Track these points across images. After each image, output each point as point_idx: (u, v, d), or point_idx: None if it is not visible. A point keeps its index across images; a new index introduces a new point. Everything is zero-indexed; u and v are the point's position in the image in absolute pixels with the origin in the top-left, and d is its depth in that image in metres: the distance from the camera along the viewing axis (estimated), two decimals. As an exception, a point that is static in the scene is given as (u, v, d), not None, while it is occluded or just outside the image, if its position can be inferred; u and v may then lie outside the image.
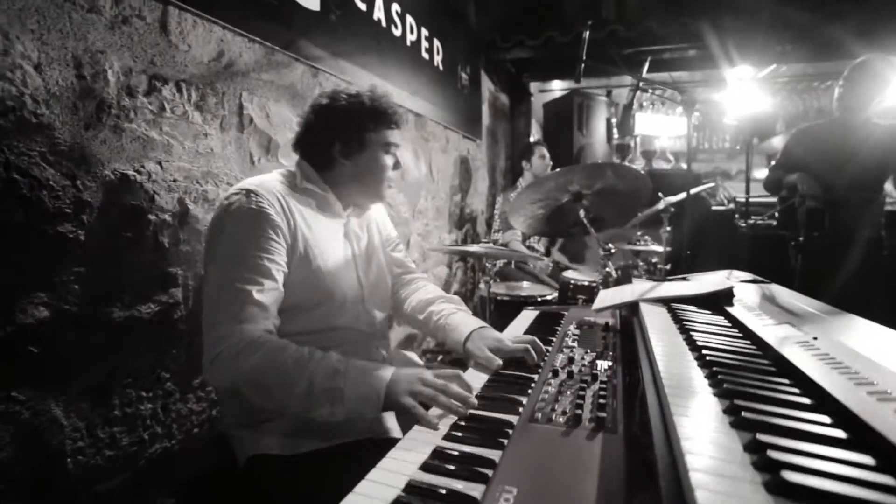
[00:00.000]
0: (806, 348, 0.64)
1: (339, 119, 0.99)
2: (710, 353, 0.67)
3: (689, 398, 0.53)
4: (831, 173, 2.13)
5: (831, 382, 0.51)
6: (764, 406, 0.49)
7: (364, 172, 1.03)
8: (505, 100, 3.74)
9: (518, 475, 0.53)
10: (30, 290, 0.81)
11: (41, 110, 0.82)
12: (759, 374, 0.59)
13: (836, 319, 0.81)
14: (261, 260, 0.83)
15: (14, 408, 0.79)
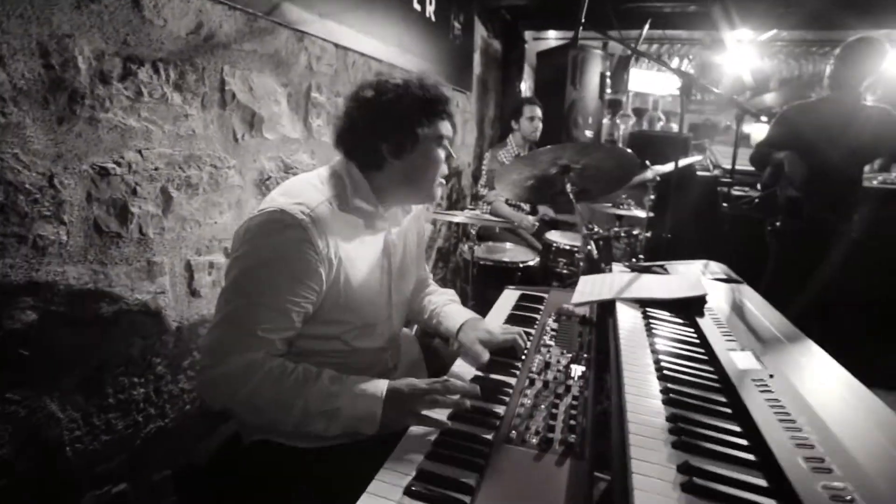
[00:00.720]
0: (761, 389, 0.70)
1: (387, 114, 0.88)
2: (674, 388, 0.73)
3: (649, 448, 0.60)
4: (818, 152, 2.15)
5: (776, 443, 0.58)
6: (713, 467, 0.56)
7: (417, 172, 0.93)
8: (498, 46, 3.54)
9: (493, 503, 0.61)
10: (15, 295, 0.81)
11: (9, 108, 0.76)
12: (716, 418, 0.67)
13: (796, 348, 0.87)
14: (286, 304, 0.79)
15: (10, 408, 0.82)
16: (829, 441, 0.57)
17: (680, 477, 0.55)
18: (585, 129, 3.45)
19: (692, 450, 0.60)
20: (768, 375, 0.75)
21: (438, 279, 2.89)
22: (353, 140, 0.93)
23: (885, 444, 0.57)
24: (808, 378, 0.75)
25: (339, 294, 0.87)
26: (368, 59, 1.81)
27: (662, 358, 0.84)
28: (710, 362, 0.85)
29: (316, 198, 0.85)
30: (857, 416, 0.63)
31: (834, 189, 2.18)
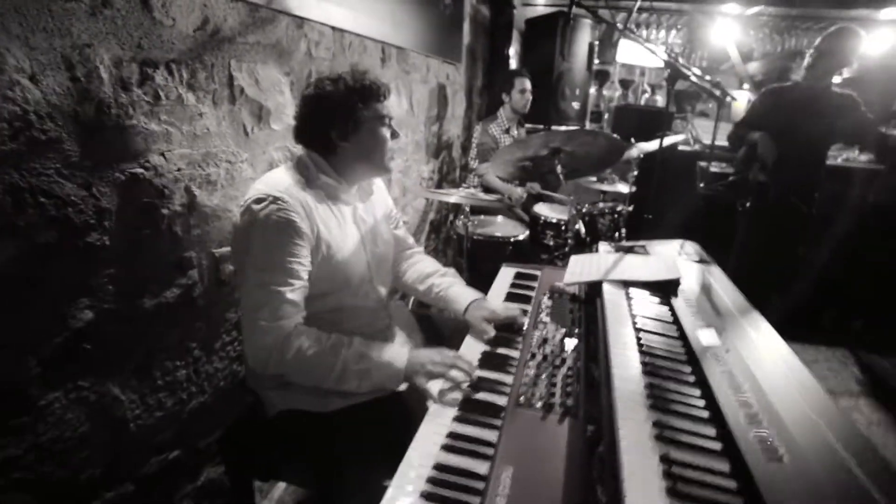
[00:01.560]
0: (719, 363, 0.86)
1: (328, 105, 1.04)
2: (651, 361, 0.89)
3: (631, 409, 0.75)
4: (788, 134, 2.28)
5: (725, 404, 0.74)
6: (679, 422, 0.72)
7: (365, 149, 1.08)
8: (486, 12, 3.48)
9: (511, 456, 0.75)
10: (74, 297, 0.89)
11: (47, 125, 0.81)
12: (683, 385, 0.82)
13: (749, 325, 1.03)
14: (291, 263, 0.95)
15: (83, 394, 0.92)
16: (763, 401, 0.75)
17: (654, 430, 0.71)
18: (573, 100, 3.49)
19: (663, 410, 0.75)
20: (725, 351, 0.91)
21: (430, 250, 3.00)
22: (307, 133, 1.09)
23: (801, 403, 0.76)
24: (755, 351, 0.92)
25: (321, 253, 1.03)
26: (363, 39, 1.81)
27: (642, 335, 1.00)
28: (680, 338, 1.01)
29: (287, 180, 1.02)
30: (787, 381, 0.81)
31: (800, 170, 2.33)
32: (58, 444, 0.88)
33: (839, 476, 0.60)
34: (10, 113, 0.76)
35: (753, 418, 0.71)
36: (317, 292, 1.04)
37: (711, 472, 0.64)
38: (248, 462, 1.11)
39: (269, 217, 0.94)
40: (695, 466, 0.64)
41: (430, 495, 0.68)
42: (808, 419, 0.71)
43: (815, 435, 0.68)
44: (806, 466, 0.62)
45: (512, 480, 0.70)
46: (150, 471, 1.10)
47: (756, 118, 2.44)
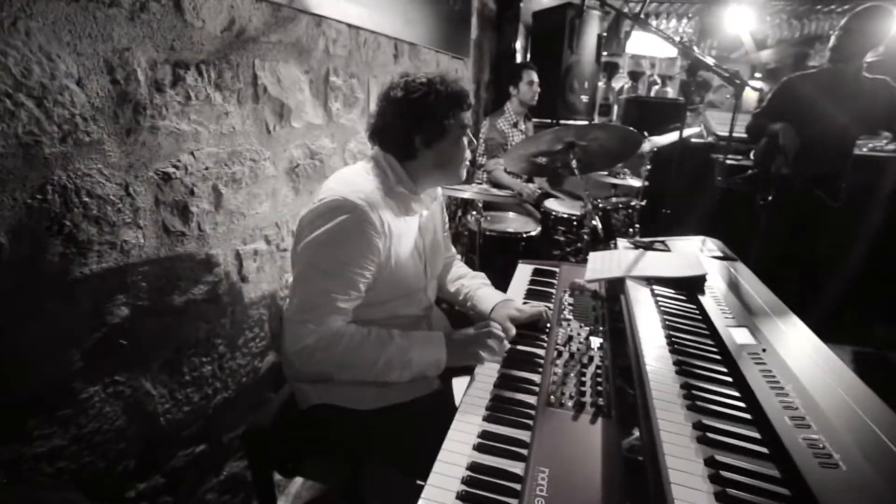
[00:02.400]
0: (756, 361, 0.85)
1: (417, 110, 1.01)
2: (684, 360, 0.89)
3: (669, 410, 0.75)
4: (814, 123, 2.18)
5: (768, 405, 0.73)
6: (720, 424, 0.72)
7: (447, 158, 1.07)
8: (493, 6, 3.46)
9: (546, 456, 0.76)
10: (112, 294, 0.90)
11: (90, 127, 0.82)
12: (720, 385, 0.82)
13: (783, 323, 1.01)
14: (355, 276, 0.95)
15: (119, 388, 0.94)
16: (808, 403, 0.73)
17: (695, 433, 0.71)
18: (581, 93, 3.47)
19: (703, 411, 0.76)
20: (762, 350, 0.90)
21: (442, 246, 3.00)
22: (387, 134, 1.06)
23: (848, 402, 0.74)
24: (793, 350, 0.90)
25: (388, 266, 1.03)
26: (378, 36, 1.81)
27: (672, 333, 1.00)
28: (711, 336, 1.01)
29: (367, 186, 1.00)
30: (828, 380, 0.80)
31: (825, 161, 2.25)
32: (97, 436, 0.90)
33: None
34: (60, 116, 0.78)
35: (800, 421, 0.70)
36: (376, 301, 1.04)
37: (761, 476, 0.63)
38: (271, 456, 1.12)
39: (349, 227, 0.93)
40: (743, 471, 0.64)
41: (466, 495, 0.68)
42: (860, 423, 0.69)
43: (871, 440, 0.65)
44: (865, 474, 0.59)
45: (549, 481, 0.70)
46: (177, 464, 1.12)
47: (778, 107, 2.34)
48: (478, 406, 0.89)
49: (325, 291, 0.93)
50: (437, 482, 0.71)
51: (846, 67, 2.16)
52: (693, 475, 0.63)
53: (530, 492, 0.68)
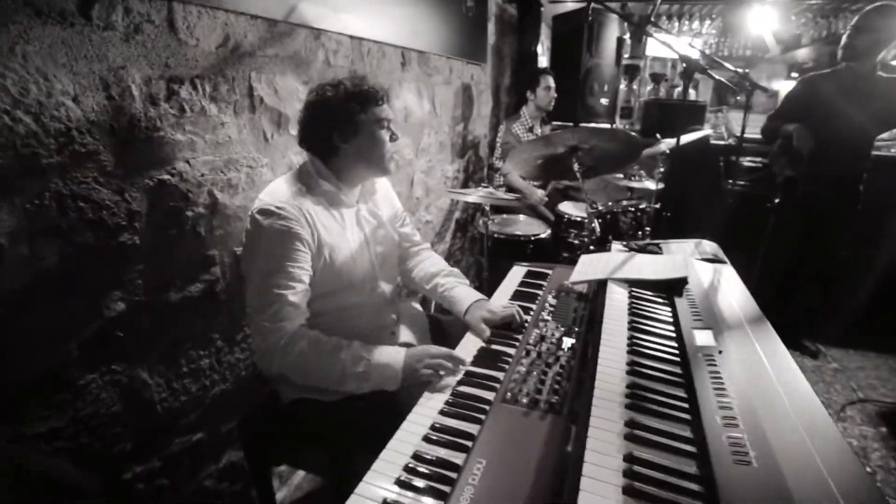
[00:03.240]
0: (708, 363, 0.84)
1: (328, 110, 1.10)
2: (639, 361, 0.89)
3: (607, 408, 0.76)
4: (829, 124, 2.14)
5: (705, 404, 0.73)
6: (653, 422, 0.72)
7: (365, 151, 1.14)
8: (513, 11, 3.47)
9: (488, 449, 0.78)
10: (108, 290, 1.01)
11: (86, 139, 0.92)
12: (668, 385, 0.82)
13: (752, 328, 0.99)
14: (292, 268, 1.02)
15: (116, 377, 1.04)
16: (745, 404, 0.73)
17: (625, 429, 0.72)
18: (601, 97, 3.42)
19: (640, 410, 0.76)
20: (718, 352, 0.89)
21: (457, 248, 3.04)
22: (309, 136, 1.15)
23: (786, 405, 0.73)
24: (749, 354, 0.89)
25: (323, 257, 1.10)
26: (382, 46, 1.88)
27: (634, 335, 1.00)
28: (676, 339, 0.99)
29: (287, 189, 1.09)
30: (776, 385, 0.78)
31: (842, 163, 2.19)
32: (94, 420, 1.00)
33: (808, 483, 0.58)
34: (56, 130, 0.88)
35: (730, 421, 0.70)
36: (321, 292, 1.11)
37: (675, 472, 0.64)
38: (264, 447, 1.20)
39: (272, 226, 1.01)
40: (659, 466, 0.65)
41: (403, 481, 0.72)
42: (790, 424, 0.69)
43: (793, 441, 0.66)
44: (773, 471, 0.60)
45: (483, 471, 0.72)
46: (174, 450, 1.21)
47: (791, 109, 2.30)
48: (437, 400, 0.93)
49: (271, 289, 1.00)
50: (380, 468, 0.75)
51: (859, 66, 2.11)
52: (607, 469, 0.64)
53: (463, 480, 0.71)
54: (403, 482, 0.72)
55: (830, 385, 2.33)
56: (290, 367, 1.01)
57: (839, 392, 2.27)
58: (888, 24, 1.99)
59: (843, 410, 2.13)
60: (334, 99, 1.09)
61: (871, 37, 2.03)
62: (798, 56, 4.15)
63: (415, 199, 2.43)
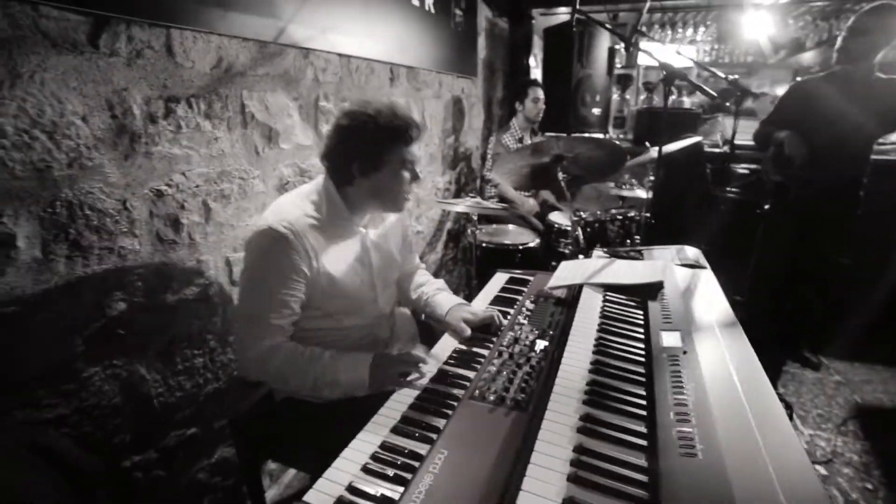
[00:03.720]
0: (671, 362, 0.89)
1: (355, 139, 1.07)
2: (603, 360, 0.95)
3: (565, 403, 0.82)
4: (824, 128, 2.11)
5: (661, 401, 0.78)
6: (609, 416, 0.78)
7: (381, 189, 1.12)
8: (504, 24, 3.57)
9: (451, 441, 0.83)
10: (111, 291, 1.09)
11: (93, 154, 1.01)
12: (628, 384, 0.88)
13: (721, 330, 1.03)
14: (283, 296, 1.04)
15: (116, 371, 1.12)
16: (700, 401, 0.77)
17: (579, 423, 0.77)
18: (593, 106, 3.49)
19: (598, 406, 0.82)
20: (683, 352, 0.94)
21: (449, 259, 3.11)
22: (331, 158, 1.14)
23: (742, 402, 0.77)
24: (713, 354, 0.93)
25: (323, 284, 1.10)
26: (371, 62, 1.97)
27: (602, 336, 1.05)
28: (644, 340, 1.05)
29: (295, 213, 1.08)
30: (735, 385, 0.82)
31: (840, 168, 2.16)
32: (96, 410, 1.08)
33: (750, 475, 0.62)
34: (67, 146, 0.97)
35: (683, 417, 0.74)
36: (318, 313, 1.13)
37: (623, 463, 0.69)
38: (255, 443, 1.26)
39: (271, 252, 1.03)
40: (607, 457, 0.70)
41: (369, 469, 0.78)
42: (742, 422, 0.72)
43: (742, 436, 0.69)
44: (716, 463, 0.64)
45: (444, 461, 0.78)
46: (170, 443, 1.28)
47: (784, 114, 2.28)
48: (409, 395, 0.98)
49: (258, 312, 1.03)
50: (349, 455, 0.81)
51: (855, 69, 2.07)
52: (556, 458, 0.70)
53: (424, 469, 0.76)
54: (370, 469, 0.78)
55: (832, 398, 2.29)
56: (268, 377, 1.06)
57: (841, 406, 2.23)
58: (884, 24, 1.96)
59: (843, 424, 2.09)
60: (365, 130, 1.06)
61: (867, 38, 1.99)
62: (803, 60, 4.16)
63: (406, 210, 2.51)
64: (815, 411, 2.21)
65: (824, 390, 2.37)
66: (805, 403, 2.27)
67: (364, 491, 0.73)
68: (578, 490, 0.64)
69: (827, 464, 1.86)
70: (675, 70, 1.73)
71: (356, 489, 0.74)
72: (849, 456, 1.92)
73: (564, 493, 0.64)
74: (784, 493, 0.58)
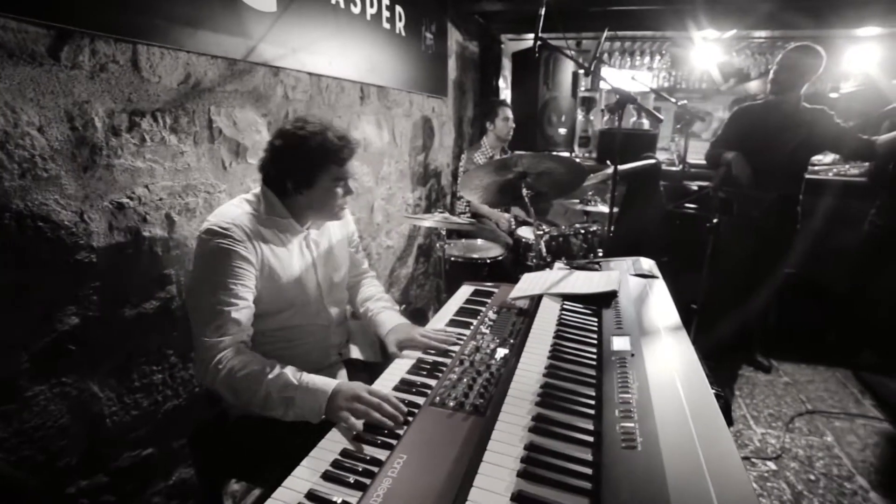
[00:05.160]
0: (619, 364, 0.95)
1: (288, 159, 1.13)
2: (557, 364, 0.99)
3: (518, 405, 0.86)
4: (763, 150, 2.39)
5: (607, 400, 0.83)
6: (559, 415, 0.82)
7: (316, 203, 1.18)
8: (474, 48, 3.72)
9: (410, 446, 0.85)
10: (62, 305, 1.06)
11: (49, 165, 1.00)
12: (580, 385, 0.92)
13: (667, 333, 1.10)
14: (234, 286, 1.05)
15: (65, 389, 1.08)
16: (643, 399, 0.83)
17: (531, 423, 0.81)
18: (559, 127, 3.65)
19: (549, 406, 0.86)
20: (631, 355, 1.00)
21: (420, 273, 3.14)
22: (268, 172, 1.18)
23: (681, 399, 0.83)
24: (659, 356, 0.99)
25: (267, 278, 1.13)
26: (341, 81, 2.02)
27: (558, 342, 1.10)
28: (596, 345, 1.11)
29: (235, 213, 1.11)
30: (676, 385, 0.88)
31: (779, 185, 2.42)
32: (39, 432, 1.03)
33: (682, 463, 0.67)
34: (19, 157, 0.96)
35: (626, 413, 0.80)
36: (265, 311, 1.15)
37: (570, 458, 0.73)
38: (214, 463, 1.23)
39: (216, 246, 1.04)
40: (556, 453, 0.74)
41: (330, 474, 0.79)
42: (679, 418, 0.77)
43: (678, 430, 0.74)
44: (653, 454, 0.69)
45: (403, 464, 0.80)
46: (122, 464, 1.23)
47: (731, 136, 2.56)
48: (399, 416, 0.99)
49: (214, 305, 1.02)
50: (309, 464, 0.82)
51: (786, 99, 2.37)
52: (507, 455, 0.73)
53: (383, 473, 0.78)
54: (330, 476, 0.79)
55: (781, 398, 2.46)
56: (220, 385, 1.01)
57: (789, 405, 2.40)
58: (805, 61, 2.27)
59: (791, 422, 2.26)
60: (297, 151, 1.11)
61: (793, 73, 2.30)
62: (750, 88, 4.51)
63: (375, 224, 2.54)
64: (766, 411, 2.37)
65: (774, 391, 2.55)
66: (758, 404, 2.43)
67: (323, 496, 0.74)
68: (527, 484, 0.67)
69: (776, 459, 2.00)
70: (627, 94, 1.85)
71: (315, 495, 0.74)
72: (795, 451, 2.06)
73: (513, 487, 0.67)
74: (712, 479, 0.63)
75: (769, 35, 3.74)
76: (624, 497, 0.61)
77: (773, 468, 1.94)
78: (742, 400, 2.43)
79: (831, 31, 3.29)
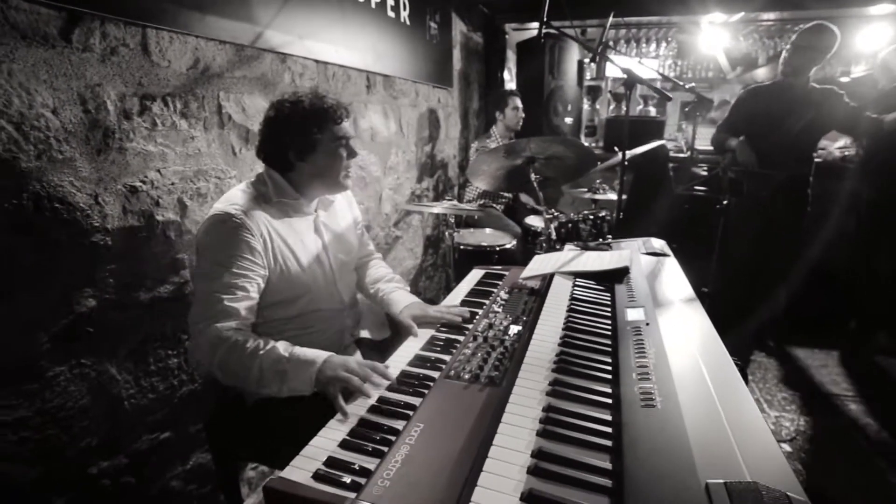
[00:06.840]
0: (635, 333, 0.94)
1: (286, 127, 1.11)
2: (572, 334, 0.99)
3: (535, 372, 0.85)
4: (770, 134, 2.35)
5: (624, 364, 0.82)
6: (577, 381, 0.81)
7: (321, 169, 1.16)
8: (479, 38, 3.71)
9: (428, 415, 0.85)
10: (80, 287, 1.07)
11: (63, 147, 1.01)
12: (596, 353, 0.92)
13: (682, 305, 1.09)
14: (237, 277, 1.02)
15: (85, 370, 1.09)
16: (661, 363, 0.82)
17: (549, 387, 0.81)
18: (565, 116, 3.63)
19: (566, 372, 0.85)
20: (646, 324, 0.99)
21: (429, 264, 3.14)
22: (266, 150, 1.17)
23: (700, 366, 0.81)
24: (674, 325, 0.99)
25: (279, 266, 1.11)
26: (347, 69, 2.03)
27: (571, 315, 1.09)
28: (610, 317, 1.10)
29: (243, 198, 1.10)
30: (692, 349, 0.87)
31: (787, 167, 2.38)
32: (62, 412, 1.05)
33: (703, 418, 0.66)
34: (35, 138, 0.97)
35: (644, 376, 0.79)
36: (282, 299, 1.14)
37: (590, 418, 0.72)
38: (230, 448, 1.24)
39: (221, 233, 1.03)
40: (574, 413, 0.74)
41: (347, 442, 0.79)
42: (697, 377, 0.77)
43: (696, 390, 0.74)
44: (672, 411, 0.68)
45: (420, 433, 0.79)
46: (141, 447, 1.25)
47: (737, 119, 2.52)
48: (385, 379, 0.99)
49: (211, 294, 0.99)
50: (327, 433, 0.82)
51: (796, 80, 2.33)
52: (525, 417, 0.73)
53: (401, 440, 0.78)
54: (347, 443, 0.79)
55: (795, 382, 2.44)
56: (216, 368, 0.99)
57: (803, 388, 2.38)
58: (821, 41, 2.22)
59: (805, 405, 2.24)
60: (292, 117, 1.10)
61: (806, 54, 2.26)
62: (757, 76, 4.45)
63: (384, 214, 2.54)
64: (779, 395, 2.34)
65: (788, 375, 2.52)
66: (771, 388, 2.40)
67: (342, 461, 0.74)
68: (547, 442, 0.67)
69: (791, 441, 1.98)
70: (636, 75, 1.83)
71: (334, 460, 0.74)
72: (810, 433, 2.05)
73: (533, 445, 0.66)
74: (733, 431, 0.63)
75: (778, 17, 3.68)
76: (645, 450, 0.60)
77: (788, 450, 1.92)
78: (755, 384, 2.40)
79: (843, 11, 3.23)
